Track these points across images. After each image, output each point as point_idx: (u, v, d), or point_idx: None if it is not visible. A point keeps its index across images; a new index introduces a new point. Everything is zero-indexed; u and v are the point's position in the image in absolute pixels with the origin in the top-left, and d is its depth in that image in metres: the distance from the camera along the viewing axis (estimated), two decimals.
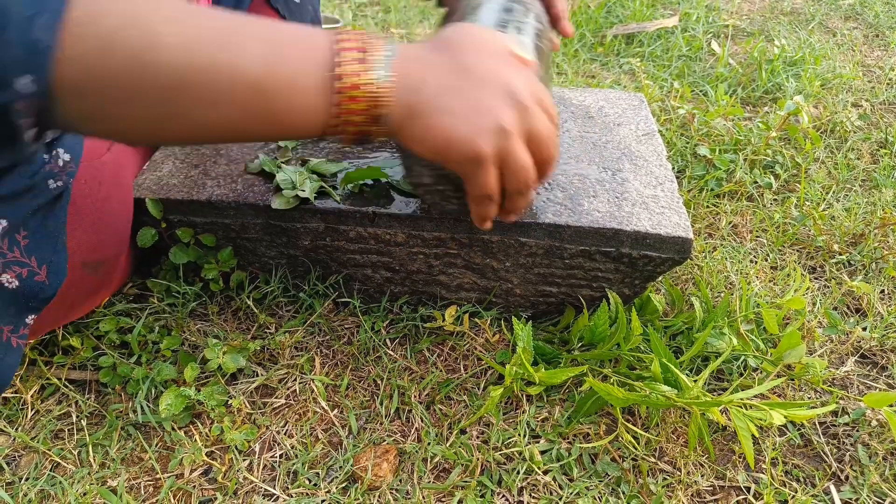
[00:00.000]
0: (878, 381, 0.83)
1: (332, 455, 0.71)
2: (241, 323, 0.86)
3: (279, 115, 0.53)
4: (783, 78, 1.54)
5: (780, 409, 0.69)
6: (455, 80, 0.56)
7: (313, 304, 0.86)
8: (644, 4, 1.97)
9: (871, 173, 1.23)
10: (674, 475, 0.70)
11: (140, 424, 0.73)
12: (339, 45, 0.53)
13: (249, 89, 0.50)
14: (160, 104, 0.49)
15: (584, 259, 0.78)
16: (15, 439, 0.72)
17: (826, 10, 2.03)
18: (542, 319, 0.87)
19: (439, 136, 0.55)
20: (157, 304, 0.84)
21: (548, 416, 0.75)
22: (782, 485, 0.70)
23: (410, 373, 0.80)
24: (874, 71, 1.65)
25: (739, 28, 1.92)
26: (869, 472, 0.71)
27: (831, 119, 1.37)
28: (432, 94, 0.55)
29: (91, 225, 0.71)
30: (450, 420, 0.75)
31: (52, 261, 0.65)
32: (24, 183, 0.63)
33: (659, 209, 0.79)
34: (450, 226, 0.77)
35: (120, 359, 0.78)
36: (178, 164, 0.84)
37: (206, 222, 0.81)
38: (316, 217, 0.78)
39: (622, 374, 0.78)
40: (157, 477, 0.69)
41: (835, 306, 0.93)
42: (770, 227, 1.08)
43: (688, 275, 0.96)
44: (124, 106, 0.49)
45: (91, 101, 0.48)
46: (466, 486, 0.68)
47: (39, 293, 0.65)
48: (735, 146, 1.26)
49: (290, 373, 0.79)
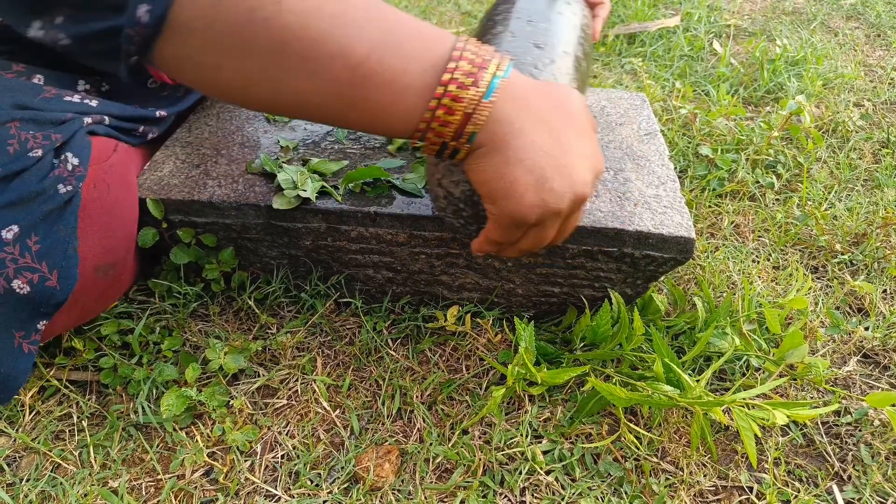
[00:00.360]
0: (880, 381, 0.83)
1: (334, 455, 0.71)
2: (242, 323, 0.85)
3: (371, 102, 0.52)
4: (785, 78, 1.54)
5: (782, 409, 0.69)
6: (548, 145, 0.55)
7: (315, 305, 0.86)
8: (646, 4, 1.97)
9: (874, 173, 1.22)
10: (676, 475, 0.70)
11: (141, 425, 0.73)
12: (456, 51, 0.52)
13: (349, 69, 0.50)
14: (259, 63, 0.49)
15: (587, 259, 0.78)
16: (15, 440, 0.71)
17: (828, 9, 2.03)
18: (544, 319, 0.87)
19: (505, 184, 0.55)
20: (158, 305, 0.84)
21: (550, 417, 0.75)
22: (785, 485, 0.70)
23: (412, 373, 0.80)
24: (876, 71, 1.65)
25: (741, 28, 1.91)
26: (871, 471, 0.71)
27: (833, 119, 1.37)
28: (521, 143, 0.54)
29: (101, 228, 0.71)
30: (452, 420, 0.75)
31: (63, 266, 0.65)
32: (34, 188, 0.63)
33: (661, 209, 0.78)
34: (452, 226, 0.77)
35: (121, 360, 0.78)
36: (179, 164, 0.84)
37: (208, 222, 0.80)
38: (317, 217, 0.78)
39: (624, 374, 0.77)
40: (158, 478, 0.68)
41: (837, 306, 0.93)
42: (772, 227, 1.07)
43: (690, 275, 0.96)
44: (223, 56, 0.49)
45: (194, 44, 0.48)
46: (468, 487, 0.68)
47: (51, 298, 0.65)
48: (737, 146, 1.26)
49: (292, 373, 0.79)
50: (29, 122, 0.65)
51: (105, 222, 0.71)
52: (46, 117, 0.66)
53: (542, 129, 0.55)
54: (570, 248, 0.77)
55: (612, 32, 1.80)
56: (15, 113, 0.64)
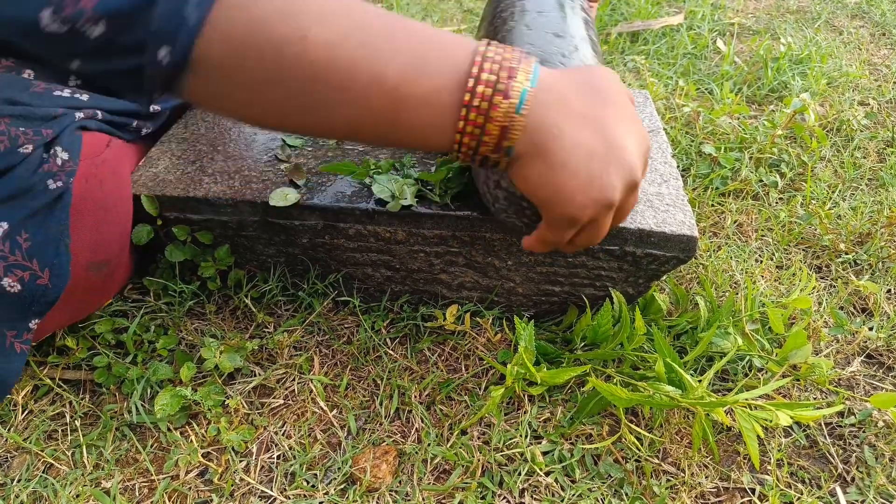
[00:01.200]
0: (884, 382, 0.82)
1: (331, 456, 0.70)
2: (238, 322, 0.85)
3: (404, 125, 0.51)
4: (789, 76, 1.53)
5: (785, 410, 0.68)
6: (590, 142, 0.53)
7: (312, 303, 0.85)
8: (649, 2, 1.96)
9: (878, 172, 1.21)
10: (677, 476, 0.69)
11: (135, 425, 0.72)
12: (478, 64, 0.50)
13: (384, 97, 0.50)
14: (292, 95, 0.49)
15: (588, 257, 0.77)
16: (7, 440, 0.71)
17: (832, 8, 2.02)
18: (544, 319, 0.86)
19: (552, 191, 0.54)
20: (153, 303, 0.83)
21: (550, 417, 0.74)
22: (788, 486, 0.69)
23: (411, 373, 0.79)
24: (881, 69, 1.64)
25: (745, 26, 1.90)
26: (875, 473, 0.70)
27: (837, 117, 1.36)
28: (562, 145, 0.52)
29: (94, 225, 0.70)
30: (450, 420, 0.74)
31: (54, 263, 0.64)
32: (23, 184, 0.62)
33: (664, 207, 0.77)
34: (451, 223, 0.76)
35: (115, 358, 0.77)
36: (175, 161, 0.83)
37: (203, 219, 0.79)
38: (314, 214, 0.77)
39: (625, 374, 0.76)
40: (151, 478, 0.68)
41: (841, 306, 0.92)
42: (776, 226, 1.06)
43: (692, 274, 0.95)
44: (255, 91, 0.49)
45: (224, 82, 0.48)
46: (467, 488, 0.67)
47: (42, 297, 0.64)
48: (740, 144, 1.25)
49: (289, 372, 0.78)
50: (19, 119, 0.64)
51: (98, 219, 0.70)
52: (37, 113, 0.65)
53: (582, 126, 0.53)
54: None
55: (615, 30, 1.79)
56: (5, 109, 0.63)
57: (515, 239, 0.76)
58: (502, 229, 0.75)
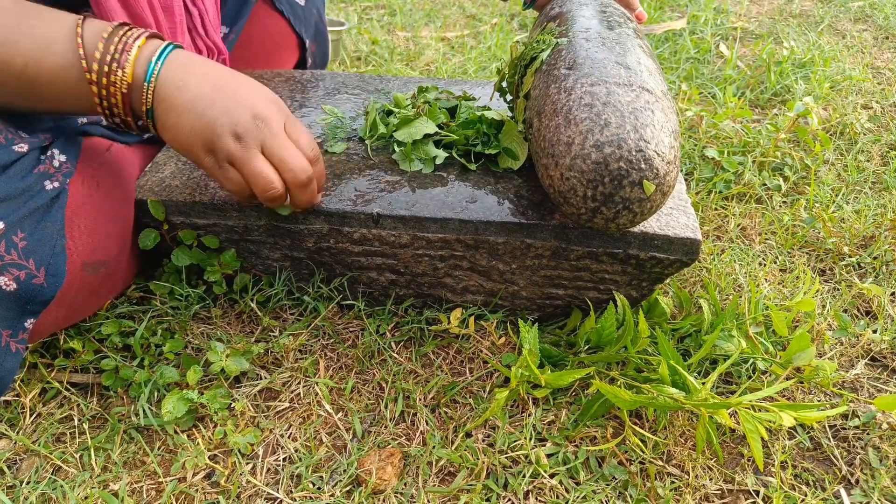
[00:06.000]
0: (888, 384, 0.82)
1: (336, 458, 0.70)
2: (244, 326, 0.85)
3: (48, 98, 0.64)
4: (792, 80, 1.53)
5: (789, 411, 0.68)
6: (210, 92, 0.65)
7: (317, 307, 0.86)
8: (652, 7, 1.97)
9: (882, 175, 1.22)
10: (682, 479, 0.69)
11: (142, 428, 0.73)
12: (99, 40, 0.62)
13: (17, 79, 0.62)
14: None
15: (591, 261, 0.77)
16: (16, 443, 0.71)
17: (835, 12, 2.02)
18: (548, 322, 0.86)
19: (186, 128, 0.65)
20: (159, 307, 0.83)
21: (554, 419, 0.74)
22: (792, 488, 0.69)
23: (415, 376, 0.80)
24: (884, 73, 1.64)
25: (748, 30, 1.91)
26: (880, 475, 0.70)
27: (841, 121, 1.36)
28: (189, 97, 0.64)
29: (90, 226, 0.71)
30: (455, 423, 0.74)
31: (50, 263, 0.65)
32: (19, 184, 0.63)
33: (667, 210, 0.78)
34: (455, 227, 0.76)
35: (122, 362, 0.77)
36: (181, 166, 0.84)
37: (209, 224, 0.80)
38: (319, 218, 0.78)
39: (629, 377, 0.77)
40: (159, 481, 0.68)
41: (845, 309, 0.92)
42: (779, 230, 1.07)
43: (696, 277, 0.95)
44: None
45: None
46: (472, 490, 0.67)
47: (38, 296, 0.65)
48: (743, 148, 1.25)
49: (294, 376, 0.79)
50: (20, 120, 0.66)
51: (95, 220, 0.71)
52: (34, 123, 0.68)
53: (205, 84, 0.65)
54: (575, 250, 0.76)
55: None
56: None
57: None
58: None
